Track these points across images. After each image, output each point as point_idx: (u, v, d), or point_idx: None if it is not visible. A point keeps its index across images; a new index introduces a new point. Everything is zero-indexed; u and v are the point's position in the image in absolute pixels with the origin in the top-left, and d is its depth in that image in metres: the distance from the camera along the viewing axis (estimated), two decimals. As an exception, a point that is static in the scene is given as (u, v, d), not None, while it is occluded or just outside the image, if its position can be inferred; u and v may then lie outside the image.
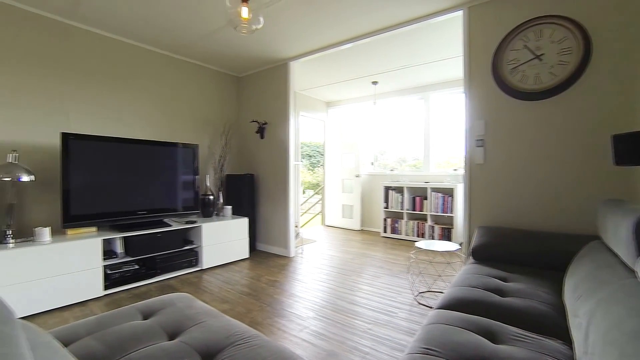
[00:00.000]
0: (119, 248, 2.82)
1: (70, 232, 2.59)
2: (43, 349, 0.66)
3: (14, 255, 2.16)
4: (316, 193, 7.26)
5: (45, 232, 2.36)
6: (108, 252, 2.74)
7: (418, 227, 4.75)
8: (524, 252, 1.90)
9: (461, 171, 4.53)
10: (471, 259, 2.13)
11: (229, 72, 4.25)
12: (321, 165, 6.54)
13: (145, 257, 2.91)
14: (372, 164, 5.82)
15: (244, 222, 3.66)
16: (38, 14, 2.69)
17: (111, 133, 3.08)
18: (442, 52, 3.64)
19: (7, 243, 2.26)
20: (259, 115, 4.10)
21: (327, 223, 6.13)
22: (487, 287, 1.57)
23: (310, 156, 11.68)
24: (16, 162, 2.27)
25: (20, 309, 2.19)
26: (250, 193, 3.97)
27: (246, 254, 3.71)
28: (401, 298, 2.59)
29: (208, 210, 3.54)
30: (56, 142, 2.67)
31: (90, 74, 2.99)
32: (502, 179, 2.41)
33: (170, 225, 3.07)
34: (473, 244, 2.16)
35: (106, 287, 2.62)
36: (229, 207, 3.71)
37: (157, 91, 3.48)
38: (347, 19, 2.84)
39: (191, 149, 3.37)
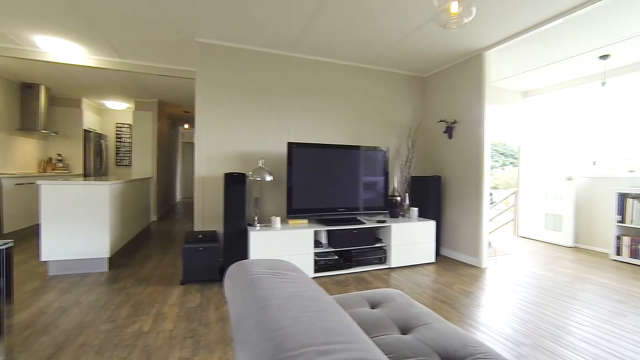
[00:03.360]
0: (323, 239, 3.31)
1: (291, 222, 3.23)
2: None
3: (261, 236, 2.89)
4: (491, 198, 6.27)
5: (277, 221, 3.04)
6: (315, 242, 3.25)
7: (684, 254, 3.30)
8: None
9: None
10: None
11: (413, 74, 4.25)
12: (500, 166, 5.61)
13: (343, 250, 3.28)
14: (594, 163, 4.48)
15: (430, 225, 3.56)
16: (270, 53, 3.51)
17: (317, 140, 3.66)
18: None
19: (255, 226, 3.05)
20: (446, 114, 3.90)
21: (521, 234, 5.18)
22: None
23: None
24: (262, 166, 3.04)
25: (264, 277, 2.90)
26: (436, 195, 3.82)
27: (432, 258, 3.60)
28: (671, 352, 1.84)
29: (395, 211, 3.64)
30: (281, 149, 3.42)
31: (303, 92, 3.65)
32: None
33: (364, 223, 3.34)
34: None
35: (315, 271, 3.12)
36: (415, 209, 3.70)
37: (351, 100, 3.88)
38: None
39: (381, 152, 3.57)
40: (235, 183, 2.95)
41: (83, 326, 2.08)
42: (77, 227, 3.04)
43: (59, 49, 3.64)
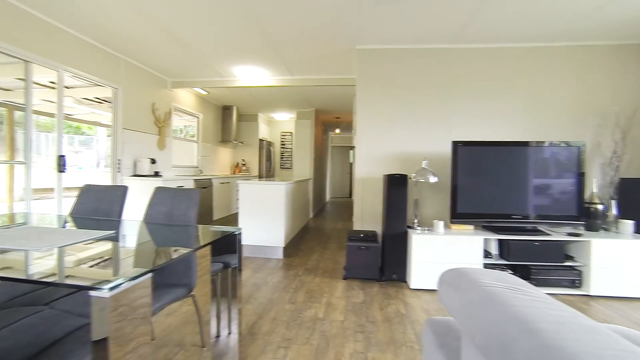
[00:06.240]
0: (493, 249, 2.90)
1: (453, 227, 2.97)
2: None
3: (422, 239, 2.77)
4: None
5: (440, 225, 2.85)
6: (484, 252, 2.88)
7: None
8: None
9: None
10: None
11: (624, 42, 3.21)
12: None
13: (518, 264, 2.79)
14: None
15: (659, 245, 2.60)
16: (430, 48, 3.32)
17: (483, 137, 3.25)
18: None
19: (415, 229, 2.95)
20: (687, 91, 2.78)
21: None
22: None
23: None
24: (426, 167, 2.91)
25: (430, 285, 2.77)
26: (667, 205, 2.77)
27: (660, 292, 2.62)
28: None
29: (594, 222, 2.84)
30: (443, 149, 3.20)
31: (467, 85, 3.31)
32: None
33: (548, 234, 2.75)
34: None
35: (483, 284, 2.76)
36: (629, 222, 2.78)
37: (526, 88, 3.27)
38: None
39: (573, 148, 2.85)
40: (396, 184, 2.93)
41: (273, 302, 2.48)
42: (262, 218, 3.69)
43: (249, 74, 4.53)
